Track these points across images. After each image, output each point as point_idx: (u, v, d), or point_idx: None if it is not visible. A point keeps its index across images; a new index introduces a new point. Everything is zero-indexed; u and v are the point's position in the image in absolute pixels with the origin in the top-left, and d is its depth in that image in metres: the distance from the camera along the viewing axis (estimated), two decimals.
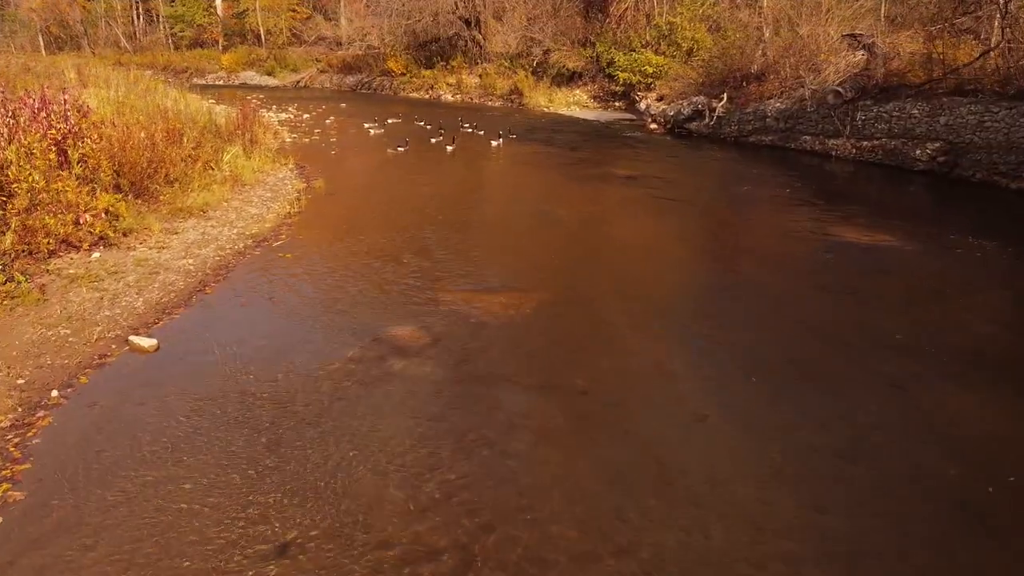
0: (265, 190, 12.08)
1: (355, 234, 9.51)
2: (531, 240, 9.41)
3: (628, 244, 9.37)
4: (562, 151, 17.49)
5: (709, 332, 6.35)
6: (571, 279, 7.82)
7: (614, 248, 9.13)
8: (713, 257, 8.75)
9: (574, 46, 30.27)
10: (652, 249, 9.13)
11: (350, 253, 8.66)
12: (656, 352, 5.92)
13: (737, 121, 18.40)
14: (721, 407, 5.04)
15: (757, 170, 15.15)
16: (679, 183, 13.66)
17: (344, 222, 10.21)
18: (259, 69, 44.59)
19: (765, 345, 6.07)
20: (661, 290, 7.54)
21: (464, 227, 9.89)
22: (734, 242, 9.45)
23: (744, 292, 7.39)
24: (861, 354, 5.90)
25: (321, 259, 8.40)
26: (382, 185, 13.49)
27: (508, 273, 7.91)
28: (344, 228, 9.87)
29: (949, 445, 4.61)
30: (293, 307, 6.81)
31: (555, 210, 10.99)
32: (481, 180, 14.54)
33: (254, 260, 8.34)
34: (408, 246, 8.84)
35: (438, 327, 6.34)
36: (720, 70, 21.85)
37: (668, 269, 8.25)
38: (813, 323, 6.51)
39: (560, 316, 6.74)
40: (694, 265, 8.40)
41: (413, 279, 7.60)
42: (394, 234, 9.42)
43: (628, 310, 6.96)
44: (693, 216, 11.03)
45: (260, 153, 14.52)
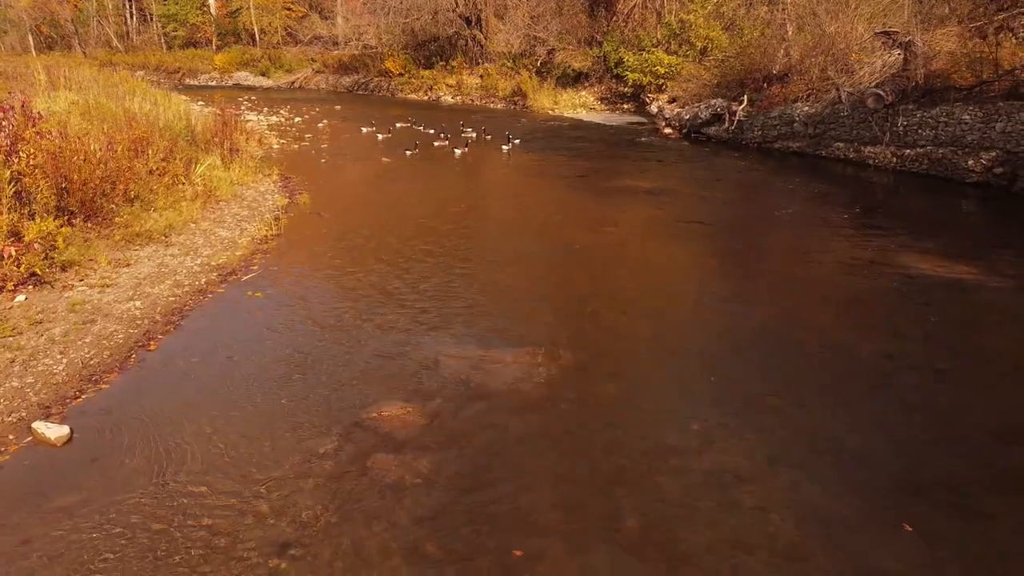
0: (242, 207, 10.68)
1: (340, 265, 8.11)
2: (548, 275, 8.00)
3: (662, 281, 7.96)
4: (574, 159, 16.10)
5: (788, 416, 4.94)
6: (598, 329, 6.42)
7: (646, 286, 7.72)
8: (770, 298, 7.30)
9: (580, 45, 28.90)
10: (691, 288, 7.73)
11: (332, 291, 7.26)
12: (721, 449, 4.50)
13: (761, 126, 17.01)
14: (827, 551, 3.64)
15: (789, 182, 13.76)
16: (707, 199, 12.26)
17: (328, 248, 8.82)
18: (253, 69, 43.25)
19: (865, 437, 4.67)
20: (711, 346, 6.14)
21: (468, 257, 8.50)
22: (789, 278, 8.02)
23: (818, 351, 5.97)
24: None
25: (297, 300, 7.00)
26: (375, 201, 12.10)
27: (522, 321, 6.51)
28: (328, 256, 8.47)
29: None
30: (255, 373, 5.41)
31: (573, 234, 9.60)
32: (486, 195, 13.14)
33: (216, 301, 6.94)
34: (401, 282, 7.44)
35: (436, 402, 4.95)
36: (737, 70, 20.49)
37: (715, 316, 6.84)
38: (927, 414, 5.06)
39: (588, 385, 5.34)
40: (747, 310, 6.97)
41: (407, 330, 6.21)
42: (385, 265, 8.03)
43: (674, 376, 5.57)
44: (732, 242, 9.61)
45: (240, 163, 13.13)
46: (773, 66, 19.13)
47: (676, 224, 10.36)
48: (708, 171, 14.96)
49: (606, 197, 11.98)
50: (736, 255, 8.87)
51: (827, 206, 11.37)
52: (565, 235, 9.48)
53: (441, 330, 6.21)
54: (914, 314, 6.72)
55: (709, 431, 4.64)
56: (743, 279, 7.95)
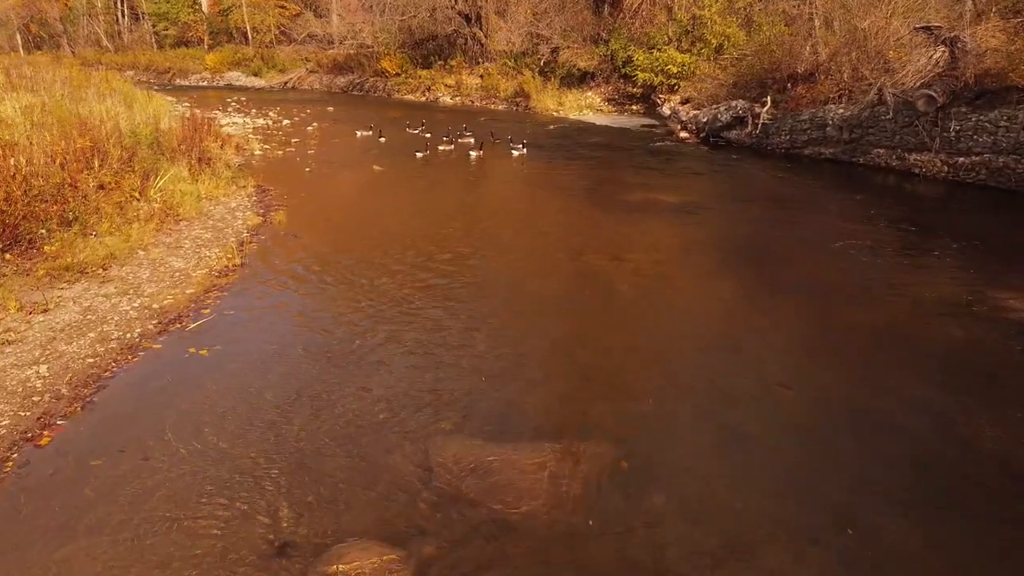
0: (206, 228, 9.20)
1: (311, 309, 6.63)
2: (569, 327, 6.48)
3: (709, 334, 6.41)
4: (587, 166, 14.60)
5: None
6: (634, 411, 4.92)
7: (689, 342, 6.21)
8: (848, 360, 5.75)
9: (585, 43, 27.38)
10: (748, 346, 6.20)
11: (298, 350, 5.77)
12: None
13: (789, 130, 15.51)
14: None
15: (828, 194, 12.27)
16: (740, 217, 10.77)
17: (300, 284, 7.32)
18: (245, 69, 41.75)
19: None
20: (789, 443, 4.64)
21: (470, 298, 7.01)
22: (864, 328, 6.43)
23: (939, 446, 4.49)
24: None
25: (252, 362, 5.51)
26: (362, 218, 10.61)
27: (538, 401, 5.02)
28: (298, 296, 6.98)
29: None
30: (175, 487, 3.93)
31: (594, 264, 8.11)
32: (490, 212, 11.64)
33: (148, 362, 5.45)
34: (387, 337, 5.95)
35: (425, 536, 3.48)
36: (757, 70, 19.01)
37: (786, 390, 5.34)
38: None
39: (627, 501, 3.86)
40: (826, 379, 5.42)
41: (391, 414, 4.72)
42: (368, 311, 6.54)
43: (743, 495, 4.08)
44: (781, 275, 8.06)
45: (211, 174, 11.65)
46: (798, 64, 17.63)
47: (711, 251, 8.86)
48: (734, 182, 13.47)
49: (626, 214, 10.49)
50: (790, 294, 7.36)
51: (878, 224, 9.88)
52: (584, 266, 7.98)
53: (435, 413, 4.73)
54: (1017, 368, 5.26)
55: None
56: (808, 331, 6.44)
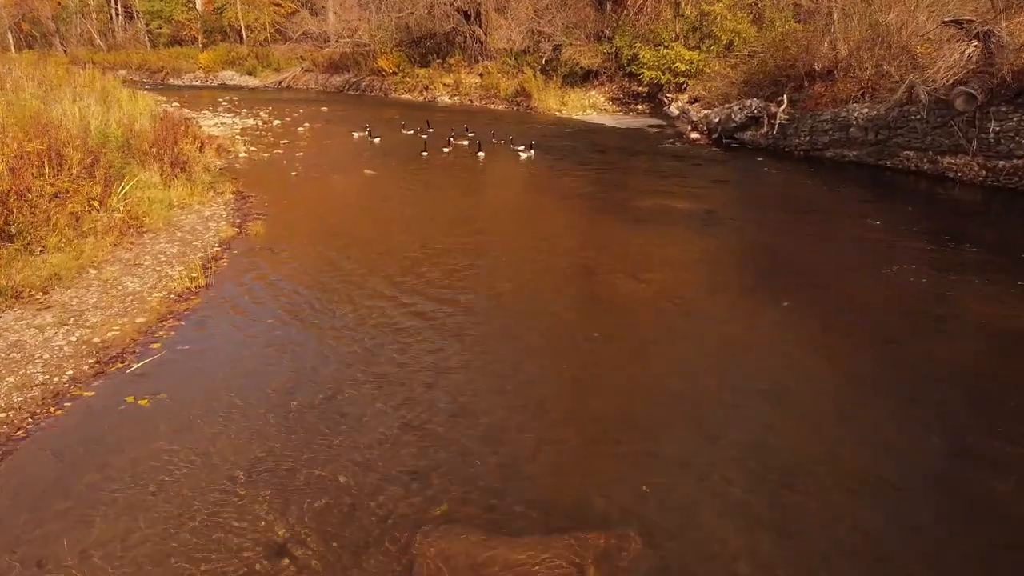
0: (172, 240, 8.23)
1: (282, 343, 5.66)
2: (586, 367, 5.46)
3: (747, 372, 5.42)
4: (597, 170, 13.62)
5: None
6: (671, 487, 3.95)
7: (729, 384, 5.21)
8: (928, 417, 4.76)
9: (588, 41, 26.40)
10: (794, 384, 5.24)
11: (261, 401, 4.79)
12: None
13: (809, 130, 14.54)
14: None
15: (856, 201, 11.31)
16: (765, 225, 9.81)
17: (271, 310, 6.35)
18: (239, 69, 40.80)
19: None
20: (864, 513, 3.68)
21: (471, 329, 6.04)
22: (940, 371, 5.45)
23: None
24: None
25: (202, 417, 4.54)
26: (350, 229, 9.64)
27: (549, 468, 4.05)
28: (266, 325, 6.01)
29: None
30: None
31: (611, 285, 7.14)
32: (492, 222, 10.66)
33: (73, 419, 4.48)
34: (370, 383, 4.98)
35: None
36: (770, 67, 18.05)
37: (867, 458, 4.35)
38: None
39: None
40: (908, 443, 4.41)
41: (367, 494, 3.75)
42: (350, 347, 5.57)
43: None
44: (827, 299, 7.03)
45: (186, 180, 10.69)
46: (816, 61, 16.67)
47: (737, 268, 7.89)
48: (753, 186, 12.50)
49: (640, 224, 9.52)
50: (835, 325, 6.34)
51: (917, 236, 8.92)
52: (598, 287, 7.00)
53: (420, 492, 3.76)
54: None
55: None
56: (865, 372, 5.43)
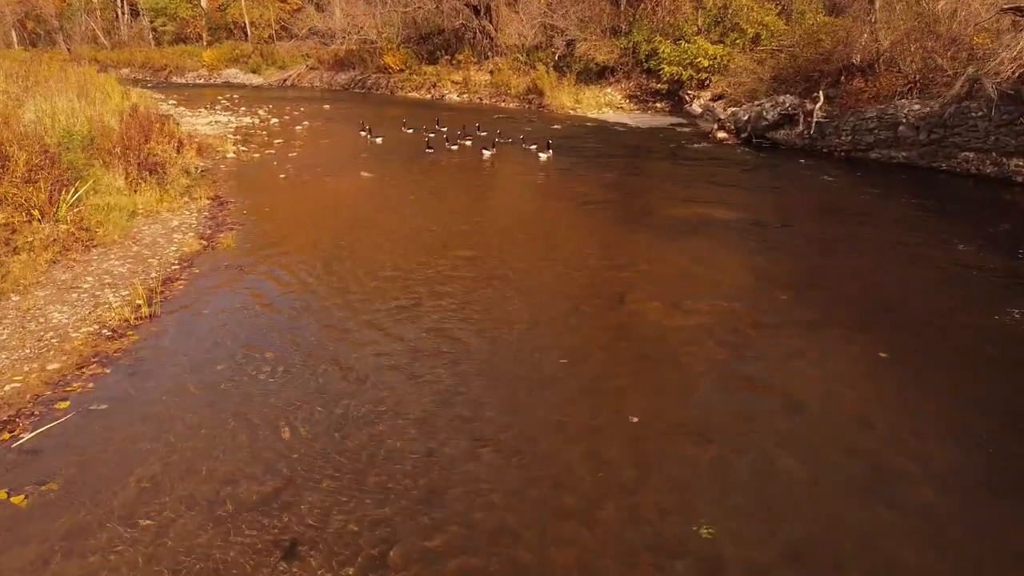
0: (125, 257, 7.01)
1: (233, 401, 4.40)
2: (619, 442, 4.15)
3: (838, 442, 4.12)
4: (619, 173, 12.30)
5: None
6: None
7: (815, 463, 3.95)
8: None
9: (604, 35, 25.05)
10: (902, 464, 3.92)
11: (190, 497, 3.54)
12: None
13: (851, 129, 13.17)
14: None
15: (917, 208, 9.94)
16: (826, 241, 8.46)
17: (225, 354, 5.10)
18: (243, 66, 39.79)
19: None
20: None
21: (473, 384, 4.77)
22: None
23: None
24: None
25: (108, 524, 3.29)
26: (336, 242, 8.38)
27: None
28: (217, 377, 4.76)
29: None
30: None
31: (647, 314, 5.86)
32: (505, 234, 9.33)
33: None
34: (333, 476, 3.71)
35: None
36: (801, 62, 16.69)
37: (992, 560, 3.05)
38: None
39: None
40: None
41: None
42: (320, 410, 4.30)
43: None
44: (912, 332, 5.72)
45: (156, 183, 9.48)
46: (854, 55, 15.30)
47: (796, 292, 6.56)
48: (797, 191, 11.14)
49: (675, 237, 8.20)
50: (931, 375, 5.01)
51: (997, 251, 7.57)
52: (628, 321, 5.70)
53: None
54: None
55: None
56: (996, 448, 4.13)
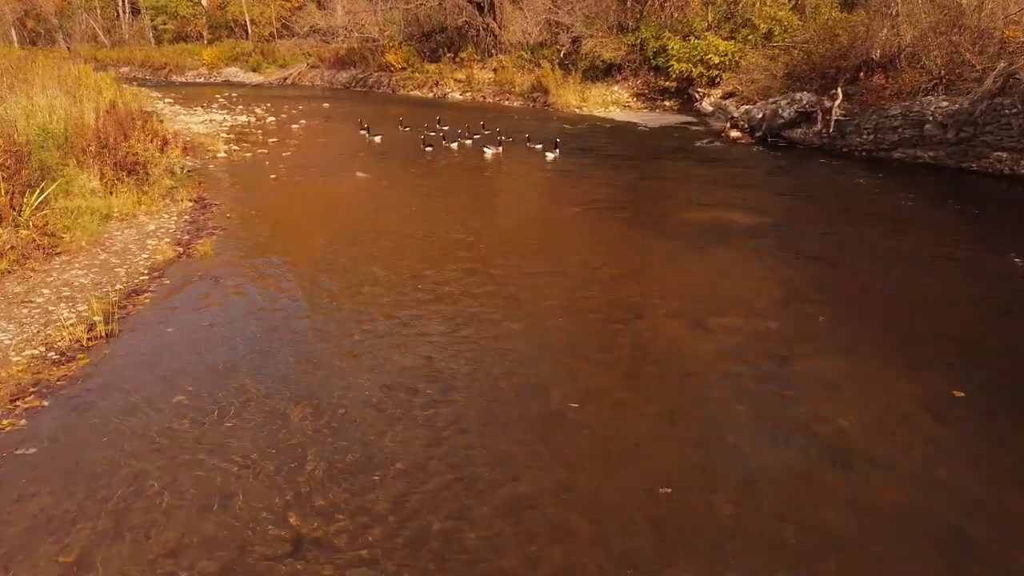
0: (90, 267, 6.38)
1: (192, 445, 3.76)
2: (645, 498, 3.52)
3: (905, 499, 3.48)
4: (630, 174, 11.63)
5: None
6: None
7: (879, 530, 3.28)
8: None
9: (611, 32, 24.38)
10: (987, 530, 3.27)
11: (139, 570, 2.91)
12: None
13: (873, 128, 12.49)
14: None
15: (951, 212, 9.25)
16: (860, 249, 7.78)
17: (188, 386, 4.46)
18: (243, 65, 39.26)
19: None
20: None
21: (471, 425, 4.11)
22: None
23: None
24: None
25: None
26: (323, 249, 7.74)
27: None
28: (174, 412, 4.12)
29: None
30: None
31: (669, 333, 5.21)
32: (510, 241, 8.68)
33: None
34: (314, 541, 3.07)
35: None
36: (816, 58, 16.01)
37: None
38: None
39: None
40: None
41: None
42: (295, 463, 3.66)
43: None
44: (971, 360, 5.08)
45: (135, 184, 8.86)
46: (873, 50, 14.62)
47: (845, 315, 5.86)
48: (821, 194, 10.44)
49: (694, 244, 7.53)
50: (1005, 414, 4.37)
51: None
52: (648, 341, 5.03)
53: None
54: None
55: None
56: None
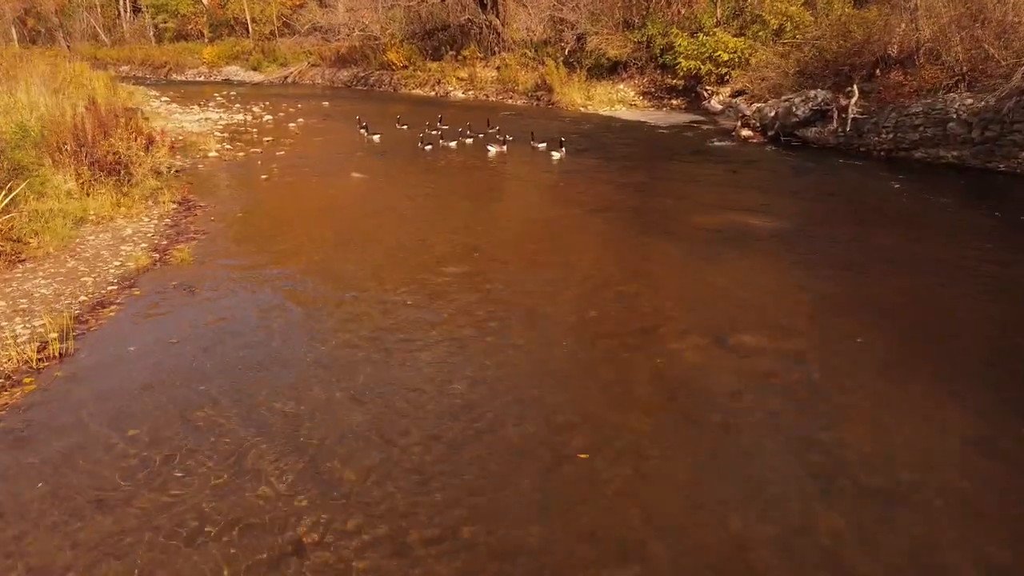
0: (55, 275, 5.87)
1: (135, 494, 3.25)
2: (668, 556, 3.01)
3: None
4: (639, 175, 11.07)
5: None
6: None
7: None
8: None
9: (617, 29, 23.83)
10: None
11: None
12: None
13: (893, 126, 11.92)
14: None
15: (982, 215, 8.69)
16: (888, 255, 7.22)
17: (143, 414, 3.94)
18: (244, 63, 38.82)
19: None
20: None
21: (466, 468, 3.58)
22: None
23: None
24: None
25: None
26: (311, 256, 7.22)
27: None
28: (127, 453, 3.59)
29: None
30: None
31: (688, 355, 4.67)
32: (512, 246, 8.14)
33: None
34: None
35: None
36: (829, 55, 15.48)
37: None
38: None
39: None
40: None
41: None
42: (267, 508, 3.14)
43: None
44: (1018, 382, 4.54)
45: (114, 186, 8.36)
46: (890, 46, 14.07)
47: (868, 322, 5.33)
48: (843, 197, 9.85)
49: (711, 251, 6.98)
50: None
51: None
52: (664, 362, 4.48)
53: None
54: None
55: None
56: None
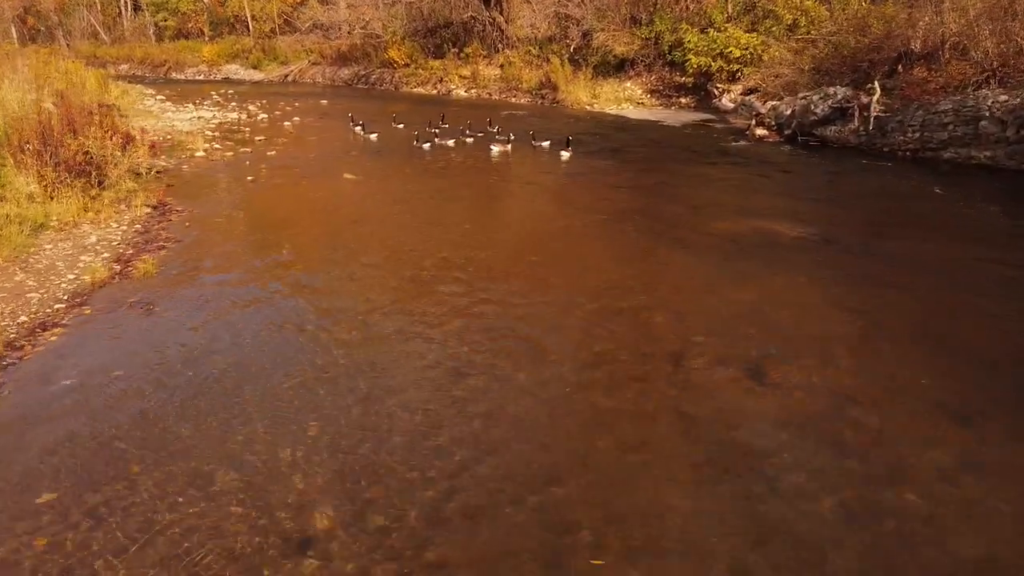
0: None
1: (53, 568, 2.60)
2: None
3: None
4: (651, 177, 10.38)
5: None
6: None
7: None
8: None
9: (623, 25, 23.12)
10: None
11: None
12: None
13: (919, 125, 11.21)
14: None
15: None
16: (935, 265, 6.54)
17: (66, 467, 3.29)
18: (244, 62, 38.25)
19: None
20: None
21: (458, 527, 2.92)
22: None
23: None
24: None
25: None
26: (291, 268, 6.55)
27: None
28: (41, 519, 2.96)
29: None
30: None
31: (721, 390, 4.02)
32: (515, 257, 7.44)
33: None
34: None
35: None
36: (846, 52, 14.76)
37: None
38: None
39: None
40: None
41: None
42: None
43: None
44: None
45: (82, 188, 7.72)
46: (913, 40, 13.33)
47: (930, 358, 4.65)
48: (872, 201, 9.11)
49: (737, 263, 6.29)
50: None
51: None
52: (691, 399, 3.83)
53: None
54: None
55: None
56: None
